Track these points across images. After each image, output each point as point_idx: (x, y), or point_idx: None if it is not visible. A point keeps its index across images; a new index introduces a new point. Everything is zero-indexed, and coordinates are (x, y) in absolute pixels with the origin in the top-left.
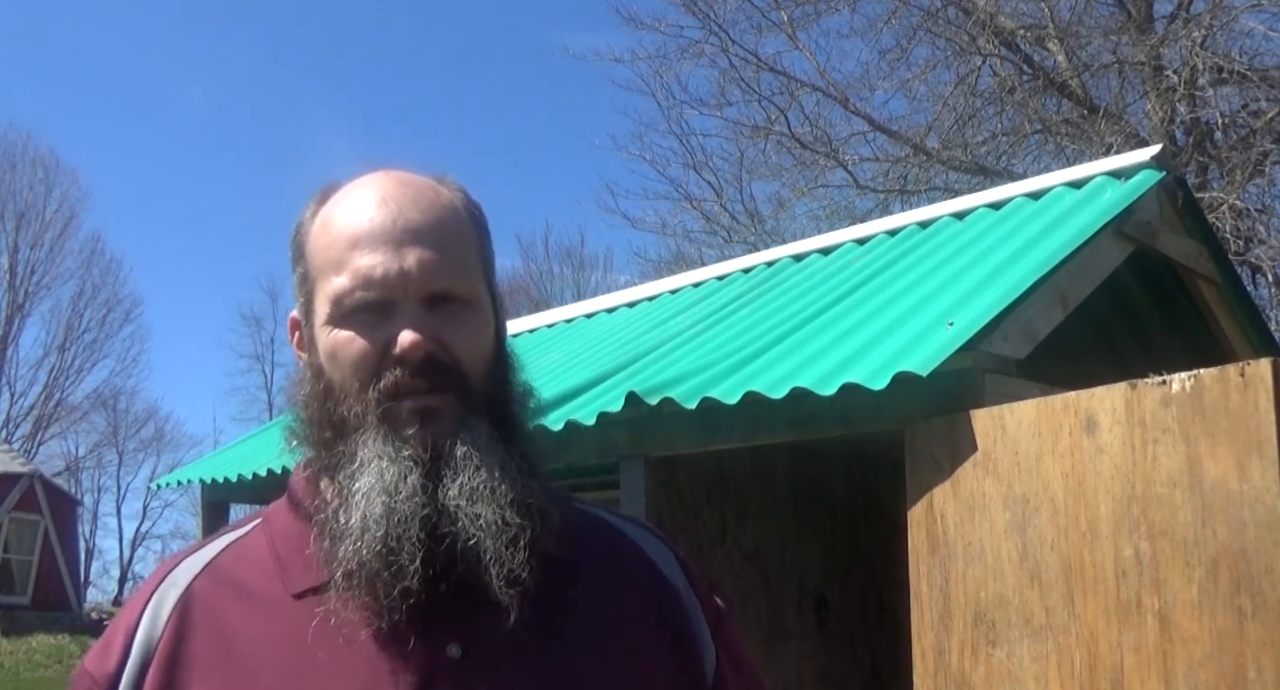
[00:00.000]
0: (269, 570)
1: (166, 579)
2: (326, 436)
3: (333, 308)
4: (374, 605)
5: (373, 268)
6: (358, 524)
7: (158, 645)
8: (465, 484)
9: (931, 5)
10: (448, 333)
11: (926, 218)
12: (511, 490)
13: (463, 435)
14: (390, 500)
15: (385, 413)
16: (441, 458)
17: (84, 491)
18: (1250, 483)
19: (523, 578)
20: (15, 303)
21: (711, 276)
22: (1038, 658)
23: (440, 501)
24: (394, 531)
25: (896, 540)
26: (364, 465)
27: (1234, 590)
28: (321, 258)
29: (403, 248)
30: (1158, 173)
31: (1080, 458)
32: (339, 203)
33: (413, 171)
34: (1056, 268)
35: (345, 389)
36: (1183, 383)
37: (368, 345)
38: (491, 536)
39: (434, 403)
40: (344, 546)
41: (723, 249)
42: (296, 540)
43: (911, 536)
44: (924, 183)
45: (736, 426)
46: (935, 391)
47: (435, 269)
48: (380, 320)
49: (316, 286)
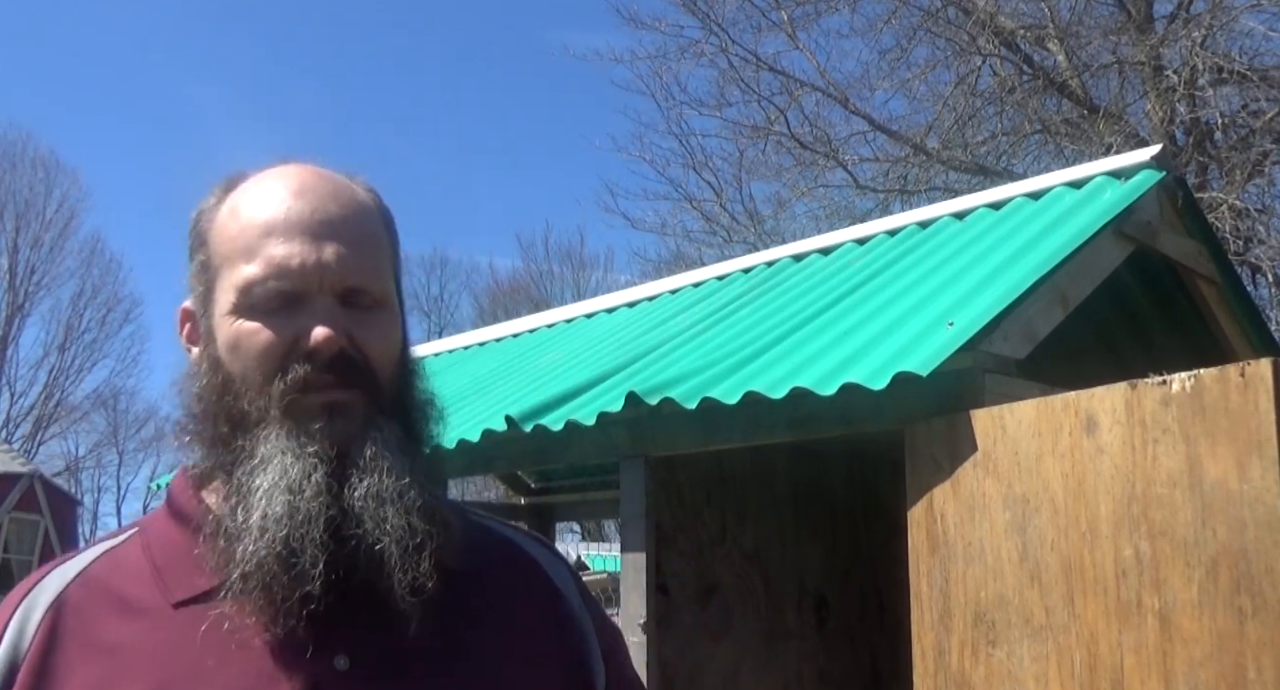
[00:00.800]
0: (146, 579)
1: (34, 589)
2: (223, 432)
3: (239, 297)
4: (269, 610)
5: (288, 257)
6: (257, 523)
7: (25, 656)
8: (373, 486)
9: (931, 5)
10: (360, 332)
11: (926, 218)
12: (420, 496)
13: (372, 435)
14: (293, 499)
15: (290, 407)
16: (349, 457)
17: (84, 491)
18: (1250, 483)
19: (426, 587)
20: (15, 303)
21: (711, 276)
22: (1038, 658)
23: (346, 502)
24: (296, 532)
25: (896, 540)
26: (265, 461)
27: (1234, 590)
28: (229, 246)
29: (321, 240)
30: (1158, 173)
31: (1080, 458)
32: (251, 191)
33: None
34: (1056, 268)
35: (247, 382)
36: (1183, 383)
37: (275, 337)
38: (397, 542)
39: (343, 398)
40: (241, 546)
41: (723, 249)
42: (175, 548)
43: (911, 536)
44: (924, 183)
45: (736, 426)
46: (935, 391)
47: (353, 264)
48: (290, 312)
49: (220, 274)
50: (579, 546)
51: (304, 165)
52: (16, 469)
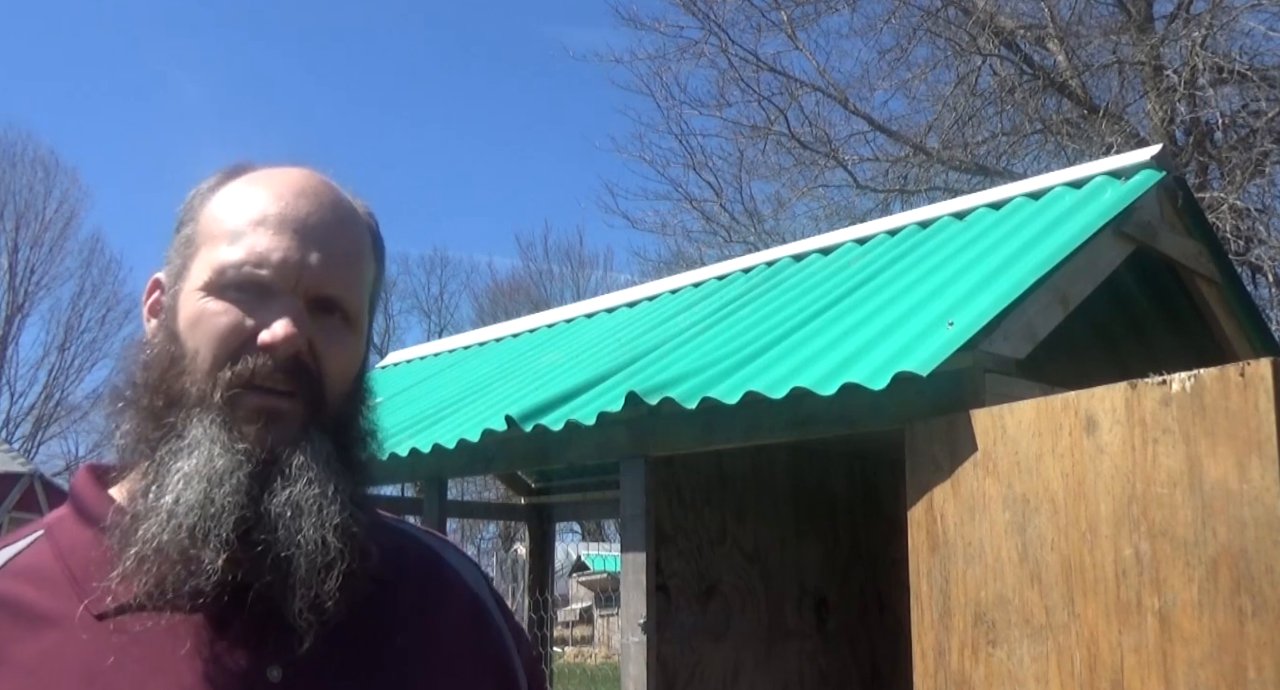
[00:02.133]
0: (60, 588)
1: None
2: (157, 406)
3: (212, 275)
4: (158, 598)
5: (271, 250)
6: (168, 506)
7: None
8: (294, 494)
9: (931, 5)
10: (322, 342)
11: (926, 218)
12: (339, 514)
13: (304, 445)
14: (210, 489)
15: (231, 400)
16: (276, 462)
17: None
18: (1250, 483)
19: (328, 607)
20: (15, 303)
21: (711, 276)
22: (1038, 658)
23: (263, 507)
24: (204, 523)
25: (896, 540)
26: (193, 446)
27: (1234, 590)
28: (217, 226)
29: (308, 242)
30: (1158, 173)
31: (1080, 458)
32: (256, 181)
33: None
34: (1056, 268)
35: (197, 361)
36: (1183, 383)
37: (236, 323)
38: (306, 556)
39: (282, 406)
40: (145, 526)
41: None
42: (89, 552)
43: (911, 536)
44: (924, 183)
45: (736, 426)
46: (935, 391)
47: (333, 274)
48: (259, 304)
49: (200, 251)
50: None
51: (310, 170)
52: (16, 469)
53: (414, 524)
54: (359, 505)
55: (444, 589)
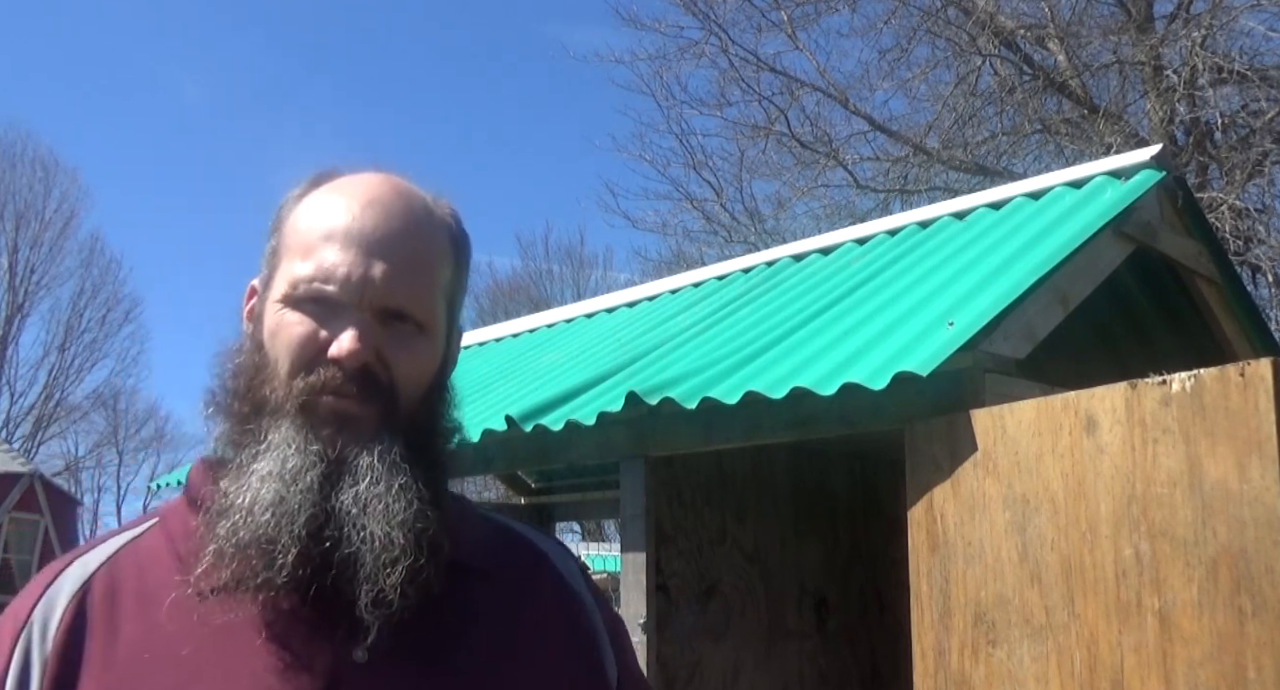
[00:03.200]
0: (169, 569)
1: (58, 579)
2: (244, 411)
3: (289, 288)
4: (235, 588)
5: (336, 265)
6: (246, 503)
7: (52, 645)
8: (361, 494)
9: (931, 5)
10: (392, 351)
11: (926, 217)
12: (404, 512)
13: (372, 447)
14: (284, 489)
15: (305, 405)
16: (345, 463)
17: (84, 491)
18: (1250, 483)
19: (392, 601)
20: (15, 303)
21: (711, 276)
22: (1038, 658)
23: (332, 504)
24: (278, 521)
25: (896, 540)
26: (270, 448)
27: (1234, 590)
28: (294, 239)
29: (373, 256)
30: (1158, 173)
31: (1080, 458)
32: (331, 191)
33: (413, 184)
34: (1056, 268)
35: (276, 370)
36: (1183, 383)
37: (310, 335)
38: (372, 551)
39: (355, 410)
40: (226, 522)
41: (723, 249)
42: (196, 538)
43: (911, 536)
44: (924, 182)
45: (736, 426)
46: (935, 391)
47: (398, 286)
48: (329, 315)
49: (281, 263)
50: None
51: (389, 177)
52: (16, 469)
53: (519, 520)
54: (435, 502)
55: (537, 580)
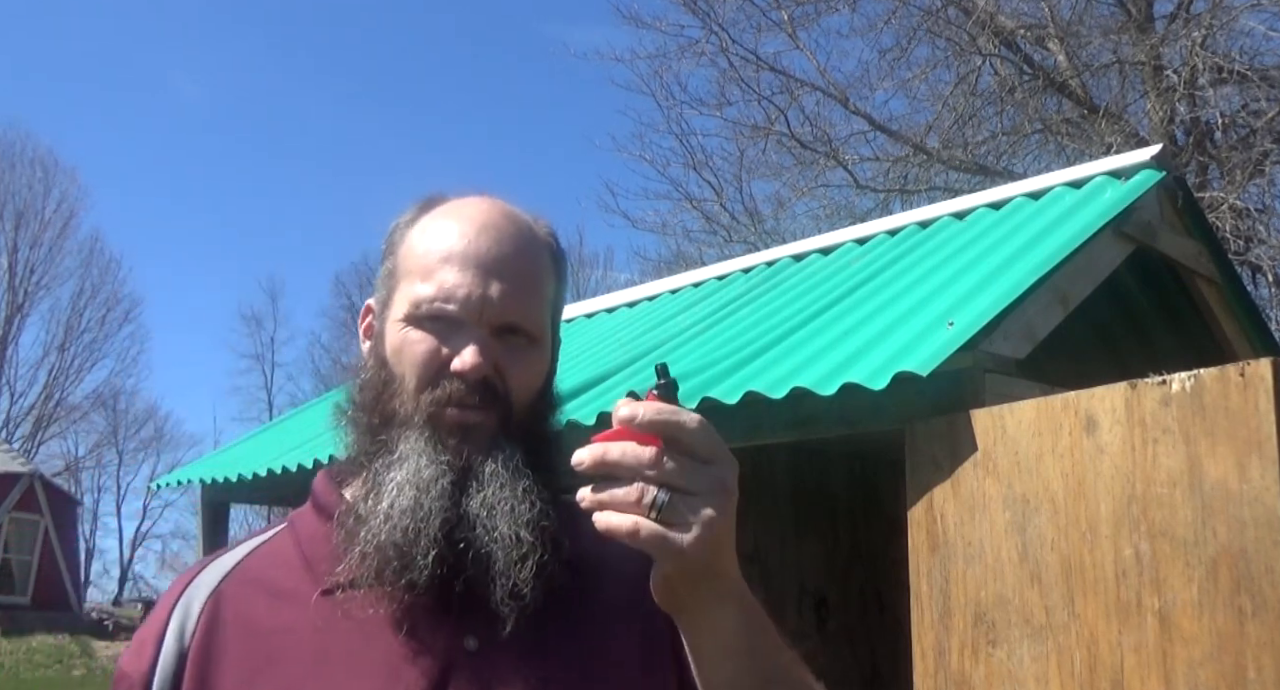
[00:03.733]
0: (296, 569)
1: (194, 582)
2: (374, 423)
3: (411, 308)
4: (379, 589)
5: (458, 286)
6: (384, 510)
7: (191, 642)
8: (488, 498)
9: (931, 5)
10: (507, 363)
11: (926, 217)
12: (529, 511)
13: (495, 454)
14: (419, 495)
15: (432, 417)
16: (471, 470)
17: (84, 491)
18: (1250, 483)
19: (525, 594)
20: (15, 303)
21: (711, 276)
22: (1038, 657)
23: (463, 509)
24: (416, 524)
25: (896, 540)
26: (403, 459)
27: (1234, 590)
28: (413, 261)
29: (490, 277)
30: (1158, 173)
31: (1080, 457)
32: (444, 215)
33: (514, 206)
34: (1056, 268)
35: (403, 385)
36: (1183, 383)
37: (433, 351)
38: (503, 550)
39: (476, 419)
40: (366, 528)
41: (723, 249)
42: (322, 541)
43: (911, 536)
44: (924, 182)
45: (736, 426)
46: (935, 391)
47: (512, 304)
48: (450, 333)
49: (400, 284)
50: None
51: (494, 200)
52: (16, 469)
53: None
54: (553, 500)
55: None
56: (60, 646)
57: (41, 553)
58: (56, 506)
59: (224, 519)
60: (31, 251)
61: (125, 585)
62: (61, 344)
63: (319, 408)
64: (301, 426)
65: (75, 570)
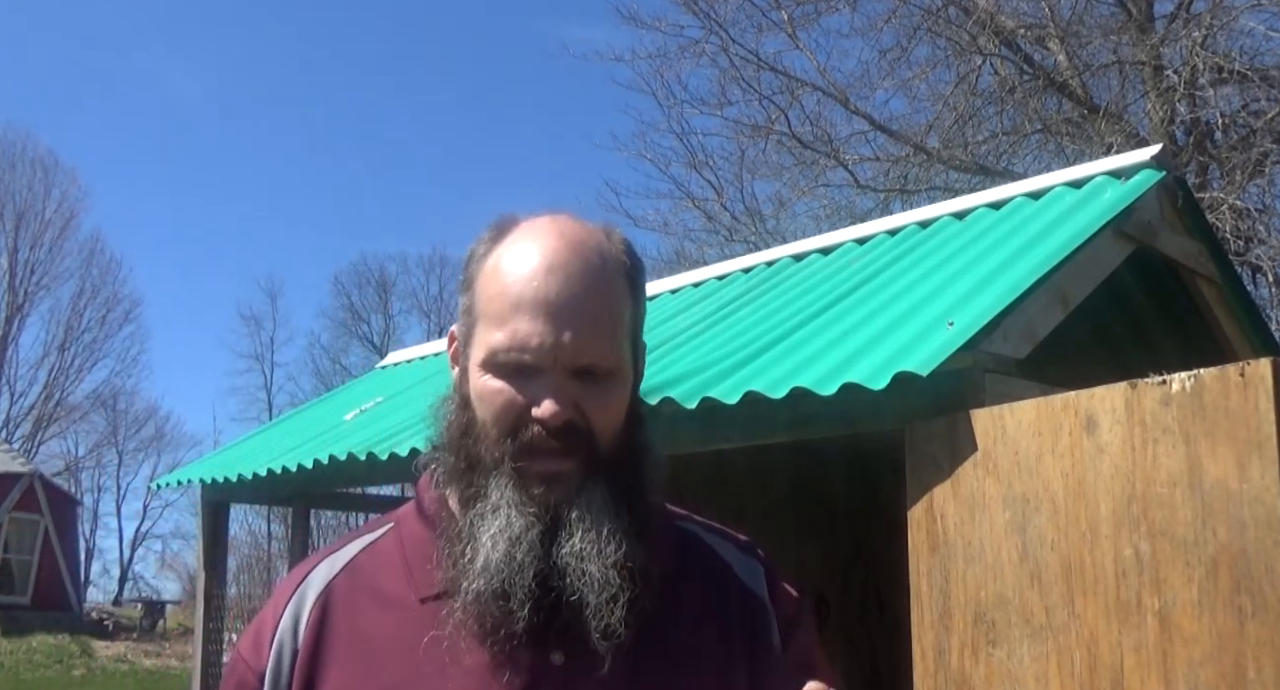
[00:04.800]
0: (399, 573)
1: (307, 578)
2: (461, 467)
3: (487, 355)
4: (479, 632)
5: (529, 336)
6: (481, 564)
7: (302, 637)
8: (576, 545)
9: (932, 4)
10: (587, 402)
11: (926, 217)
12: (616, 552)
13: (579, 500)
14: (512, 550)
15: (517, 470)
16: (560, 519)
17: (84, 491)
18: (1250, 483)
19: (619, 632)
20: (15, 303)
21: (711, 276)
22: (1038, 657)
23: (553, 558)
24: (511, 578)
25: (896, 540)
26: (495, 509)
27: (1234, 590)
28: (486, 305)
29: (560, 322)
30: (1158, 172)
31: (1080, 457)
32: (512, 254)
33: (581, 223)
34: (1056, 268)
35: (485, 431)
36: (1183, 383)
37: (513, 400)
38: (594, 592)
39: (560, 468)
40: (466, 581)
41: (723, 248)
42: (424, 548)
43: (911, 536)
44: (924, 182)
45: (736, 426)
46: (935, 391)
47: (586, 347)
48: (528, 379)
49: (478, 327)
50: None
51: (562, 226)
52: (16, 469)
53: (698, 520)
54: (641, 533)
55: (719, 590)
56: (60, 646)
57: (41, 553)
58: (56, 506)
59: (224, 519)
60: (31, 251)
61: (125, 585)
62: (62, 344)
63: (319, 408)
64: (301, 426)
65: (75, 570)
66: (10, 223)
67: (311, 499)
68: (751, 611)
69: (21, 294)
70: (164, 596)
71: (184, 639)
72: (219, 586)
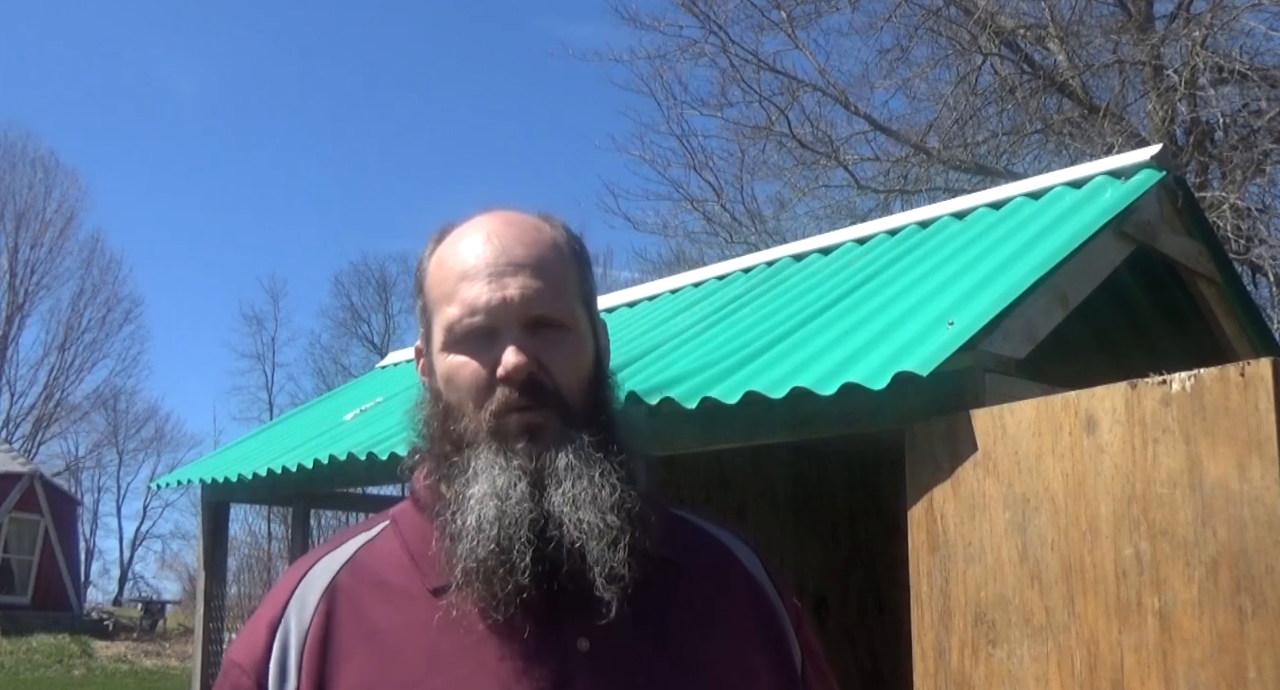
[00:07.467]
0: (405, 567)
1: (307, 575)
2: (446, 450)
3: (446, 335)
4: (490, 599)
5: (478, 297)
6: (473, 525)
7: (308, 633)
8: (568, 491)
9: (932, 4)
10: (547, 355)
11: (926, 217)
12: (611, 496)
13: (564, 447)
14: (501, 504)
15: (496, 429)
16: (545, 469)
17: (84, 491)
18: (1250, 483)
19: (623, 575)
20: (15, 303)
21: (711, 276)
22: (1038, 658)
23: (546, 507)
24: (506, 532)
25: (896, 540)
26: (477, 474)
27: (1234, 590)
28: (436, 291)
29: (504, 278)
30: (1158, 172)
31: (1080, 457)
32: (452, 243)
33: (519, 212)
34: (1056, 268)
35: (461, 409)
36: (1183, 383)
37: (479, 368)
38: (594, 538)
39: (538, 419)
40: (461, 545)
41: (724, 249)
42: (426, 539)
43: (911, 536)
44: (924, 182)
45: (736, 426)
46: (935, 391)
47: (534, 297)
48: (488, 344)
49: (434, 317)
50: None
51: (497, 212)
52: (16, 469)
53: (702, 514)
54: (630, 479)
55: (725, 572)
56: (60, 646)
57: (41, 553)
58: (56, 506)
59: (224, 519)
60: (32, 252)
61: (125, 585)
62: (62, 344)
63: (319, 408)
64: (302, 426)
65: (75, 570)
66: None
67: (312, 499)
68: (763, 599)
69: (22, 294)
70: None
71: (184, 639)
72: (219, 586)
